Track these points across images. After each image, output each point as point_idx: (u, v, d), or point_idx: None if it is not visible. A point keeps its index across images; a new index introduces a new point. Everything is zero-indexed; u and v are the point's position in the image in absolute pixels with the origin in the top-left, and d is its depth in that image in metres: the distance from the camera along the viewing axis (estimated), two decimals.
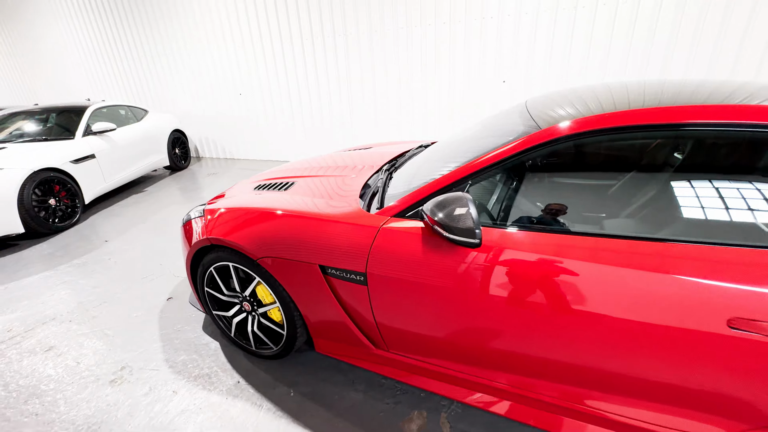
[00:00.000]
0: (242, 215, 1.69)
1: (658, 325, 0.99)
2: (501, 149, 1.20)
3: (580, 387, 1.19)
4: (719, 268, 0.94)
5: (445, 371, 1.44)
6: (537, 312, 1.12)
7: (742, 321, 0.91)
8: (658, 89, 1.24)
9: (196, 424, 1.60)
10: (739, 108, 1.00)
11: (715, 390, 1.00)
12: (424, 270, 1.24)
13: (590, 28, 3.93)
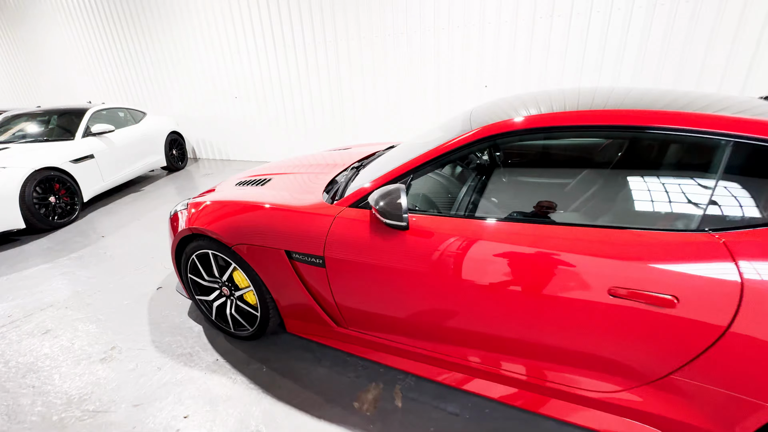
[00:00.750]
0: (220, 207, 1.87)
1: (556, 297, 1.17)
2: (434, 149, 1.39)
3: (499, 353, 1.37)
4: (602, 247, 1.12)
5: (398, 346, 1.62)
6: (457, 288, 1.30)
7: (619, 290, 1.09)
8: (590, 95, 1.41)
9: (176, 394, 1.78)
10: (644, 113, 1.18)
11: (606, 351, 1.18)
12: (369, 252, 1.43)
13: (566, 36, 4.12)
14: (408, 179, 1.44)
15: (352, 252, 1.47)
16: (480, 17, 4.40)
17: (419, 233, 1.35)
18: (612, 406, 1.26)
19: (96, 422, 1.66)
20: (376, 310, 1.55)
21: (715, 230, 1.04)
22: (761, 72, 3.53)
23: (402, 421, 1.57)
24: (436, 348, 1.52)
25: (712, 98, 1.31)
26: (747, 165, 1.05)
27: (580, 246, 1.14)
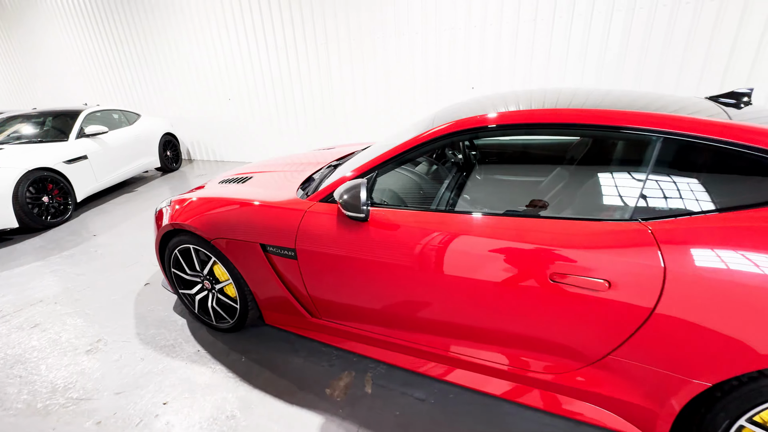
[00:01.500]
0: (200, 204, 1.95)
1: (504, 283, 1.25)
2: (394, 147, 1.47)
3: (457, 339, 1.44)
4: (546, 236, 1.20)
5: (367, 335, 1.70)
6: (414, 277, 1.38)
7: (560, 275, 1.17)
8: (553, 96, 1.50)
9: (157, 383, 1.85)
10: (577, 112, 1.26)
11: (551, 334, 1.26)
12: (336, 244, 1.51)
13: (548, 39, 4.22)
14: (373, 174, 1.52)
15: (320, 244, 1.55)
16: (466, 21, 4.49)
17: (380, 225, 1.43)
18: (561, 387, 1.34)
19: (79, 409, 1.73)
20: (346, 300, 1.63)
21: (645, 219, 1.12)
22: (737, 72, 3.62)
23: (370, 406, 1.65)
24: (401, 336, 1.60)
25: (658, 97, 1.39)
26: (673, 159, 1.14)
27: (525, 235, 1.22)
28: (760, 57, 3.50)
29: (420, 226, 1.36)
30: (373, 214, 1.46)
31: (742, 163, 1.07)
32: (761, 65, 3.52)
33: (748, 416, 1.06)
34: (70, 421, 1.67)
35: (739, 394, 1.05)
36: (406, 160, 1.49)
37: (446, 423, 1.55)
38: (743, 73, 3.60)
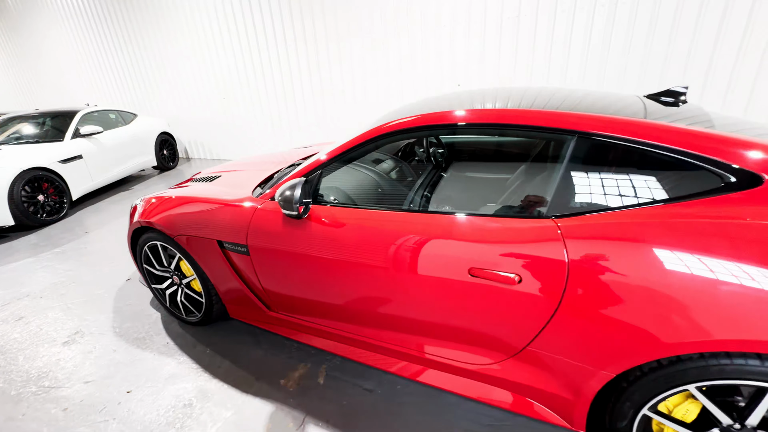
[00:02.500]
0: (164, 202, 2.04)
1: (428, 276, 1.30)
2: (334, 149, 1.53)
3: (394, 331, 1.50)
4: (465, 232, 1.25)
5: (318, 327, 1.76)
6: (346, 271, 1.44)
7: (478, 270, 1.22)
8: (492, 95, 1.54)
9: (124, 373, 1.95)
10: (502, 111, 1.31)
11: (476, 327, 1.31)
12: (279, 239, 1.58)
13: (532, 36, 4.22)
14: (317, 174, 1.58)
15: (268, 240, 1.62)
16: (452, 19, 4.51)
17: (318, 222, 1.49)
18: (490, 377, 1.39)
19: (48, 396, 1.83)
20: (294, 293, 1.70)
21: (557, 216, 1.16)
22: (718, 75, 3.59)
23: (320, 396, 1.72)
24: (346, 328, 1.66)
25: (603, 95, 1.43)
26: (585, 157, 1.17)
27: (447, 232, 1.27)
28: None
29: (354, 223, 1.42)
30: (314, 210, 1.52)
31: (648, 161, 1.11)
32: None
33: (651, 405, 1.10)
34: (39, 408, 1.77)
35: (642, 384, 1.09)
36: (346, 160, 1.55)
37: (389, 412, 1.61)
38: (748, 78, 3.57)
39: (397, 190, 1.62)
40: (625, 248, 1.03)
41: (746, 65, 3.46)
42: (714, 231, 0.97)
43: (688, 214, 1.02)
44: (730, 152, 1.03)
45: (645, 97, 1.55)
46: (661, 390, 1.06)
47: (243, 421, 1.62)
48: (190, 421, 1.64)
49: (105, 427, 1.64)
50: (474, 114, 1.30)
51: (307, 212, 1.51)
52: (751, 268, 0.90)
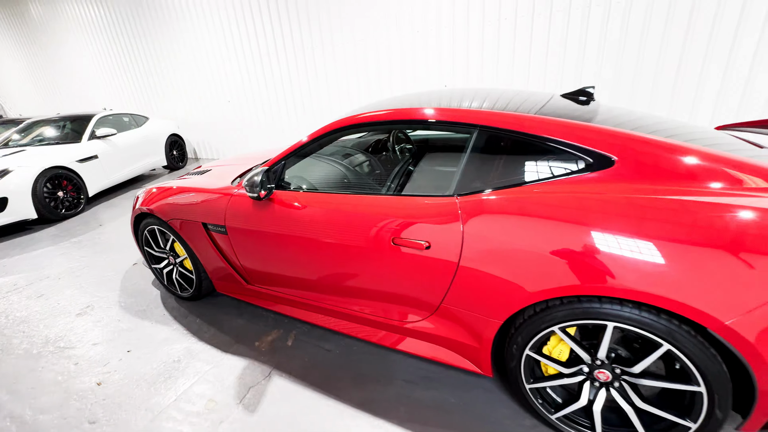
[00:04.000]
0: (161, 191, 2.37)
1: (363, 247, 1.58)
2: (295, 143, 1.82)
3: (343, 297, 1.78)
4: (391, 209, 1.52)
5: (287, 297, 2.05)
6: (301, 245, 1.73)
7: (399, 239, 1.49)
8: (436, 96, 1.81)
9: (127, 337, 2.28)
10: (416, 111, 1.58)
11: (405, 289, 1.58)
12: (249, 220, 1.88)
13: (512, 40, 4.45)
14: (281, 164, 1.87)
15: (240, 221, 1.93)
16: (436, 22, 4.77)
17: (279, 203, 1.79)
18: (420, 333, 1.66)
19: (63, 354, 2.18)
20: (264, 267, 2.00)
21: (460, 195, 1.42)
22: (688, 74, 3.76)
23: (287, 355, 2.01)
24: (307, 296, 1.95)
25: (531, 94, 1.69)
26: (483, 146, 1.43)
27: (378, 209, 1.55)
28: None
29: (308, 205, 1.71)
30: (277, 195, 1.82)
31: (529, 148, 1.36)
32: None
33: (531, 346, 1.36)
34: (56, 362, 2.12)
35: (523, 329, 1.35)
36: (303, 154, 1.85)
37: (342, 367, 1.90)
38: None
39: (348, 176, 1.90)
40: (503, 219, 1.29)
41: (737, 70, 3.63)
42: (570, 203, 1.22)
43: (555, 191, 1.27)
44: (588, 138, 1.29)
45: (561, 95, 1.80)
46: (536, 333, 1.32)
47: (220, 373, 1.92)
48: (177, 372, 1.96)
49: (108, 377, 1.97)
50: (397, 113, 1.58)
51: (269, 196, 1.80)
52: (595, 232, 1.15)
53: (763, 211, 1.03)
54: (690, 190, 1.14)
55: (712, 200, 1.09)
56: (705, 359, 1.09)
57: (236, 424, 1.63)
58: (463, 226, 1.36)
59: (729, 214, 1.05)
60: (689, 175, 1.18)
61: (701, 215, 1.07)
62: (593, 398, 1.34)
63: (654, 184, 1.20)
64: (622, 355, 1.29)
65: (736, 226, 1.03)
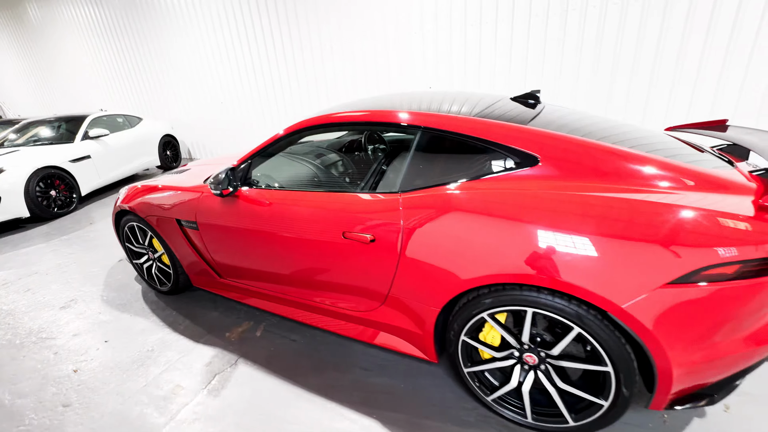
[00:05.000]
0: (139, 189, 2.48)
1: (317, 240, 1.68)
2: (260, 144, 1.93)
3: (302, 288, 1.89)
4: (341, 205, 1.63)
5: (255, 289, 2.16)
6: (263, 239, 1.84)
7: (349, 233, 1.59)
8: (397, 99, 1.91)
9: (106, 328, 2.39)
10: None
11: (355, 280, 1.68)
12: (216, 215, 1.99)
13: (493, 43, 4.55)
14: (246, 163, 1.98)
15: (209, 216, 2.04)
16: (420, 26, 4.88)
17: (244, 200, 1.90)
18: (374, 322, 1.76)
19: (44, 344, 2.29)
20: (233, 260, 2.11)
21: (403, 192, 1.52)
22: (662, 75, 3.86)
23: (255, 345, 2.12)
24: (272, 288, 2.05)
25: (493, 98, 1.79)
26: (426, 146, 1.54)
27: (331, 206, 1.65)
28: None
29: (269, 201, 1.81)
30: (241, 192, 1.92)
31: (466, 148, 1.47)
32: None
33: (466, 332, 1.46)
34: (37, 352, 2.23)
35: (458, 316, 1.45)
36: (267, 154, 1.95)
37: (305, 355, 2.00)
38: None
39: (311, 175, 2.01)
40: (437, 213, 1.40)
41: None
42: (494, 198, 1.33)
43: (486, 187, 1.38)
44: (513, 139, 1.39)
45: (511, 98, 1.90)
46: (469, 319, 1.42)
47: (189, 361, 2.03)
48: (149, 361, 2.06)
49: (84, 365, 2.08)
50: (346, 116, 1.69)
51: (234, 193, 1.91)
52: (513, 224, 1.25)
53: (662, 206, 1.14)
54: (606, 187, 1.24)
55: (621, 196, 1.20)
56: (610, 341, 1.19)
57: (199, 407, 1.73)
58: (403, 221, 1.46)
59: (630, 208, 1.16)
60: (607, 173, 1.28)
61: (605, 209, 1.18)
62: (523, 380, 1.44)
63: (574, 181, 1.30)
64: (547, 339, 1.39)
65: (633, 220, 1.13)
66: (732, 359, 1.17)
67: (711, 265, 1.06)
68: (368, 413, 1.63)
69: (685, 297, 1.08)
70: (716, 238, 1.07)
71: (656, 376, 1.19)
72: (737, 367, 1.21)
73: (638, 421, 1.49)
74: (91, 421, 1.72)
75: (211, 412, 1.70)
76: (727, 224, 1.08)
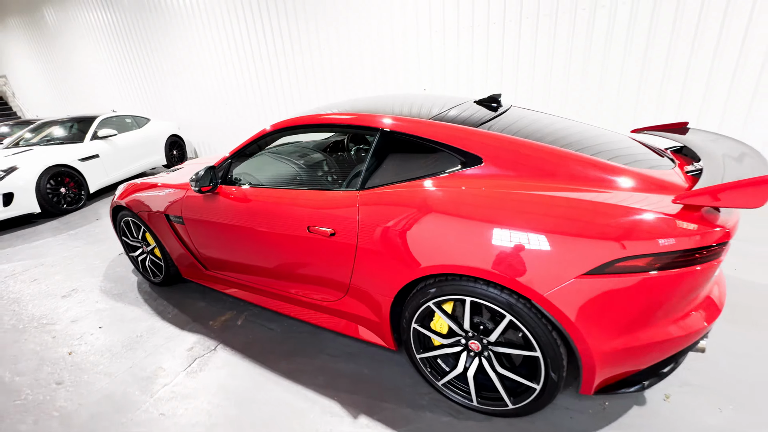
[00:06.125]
0: (134, 186, 2.64)
1: (285, 234, 1.81)
2: (238, 145, 2.06)
3: (276, 279, 2.02)
4: (307, 201, 1.75)
5: (237, 281, 2.30)
6: (239, 232, 1.97)
7: (313, 227, 1.72)
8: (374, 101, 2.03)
9: (101, 315, 2.56)
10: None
11: (320, 271, 1.80)
12: (198, 211, 2.14)
13: (485, 47, 4.63)
14: (227, 162, 2.12)
15: (193, 212, 2.19)
16: (416, 29, 4.98)
17: (224, 196, 2.04)
18: (340, 311, 1.88)
19: (44, 329, 2.47)
20: (215, 254, 2.25)
21: (362, 189, 1.64)
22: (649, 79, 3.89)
23: (235, 333, 2.26)
24: (250, 279, 2.19)
25: (455, 100, 1.90)
26: (383, 147, 1.65)
27: (299, 201, 1.78)
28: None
29: (245, 198, 1.95)
30: (221, 189, 2.07)
31: (419, 148, 1.57)
32: None
33: (416, 320, 1.56)
34: (37, 335, 2.41)
35: (409, 305, 1.56)
36: (245, 154, 2.09)
37: (279, 342, 2.13)
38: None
39: (282, 172, 2.13)
40: (388, 209, 1.51)
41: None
42: (439, 195, 1.43)
43: (433, 185, 1.48)
44: (462, 140, 1.49)
45: (474, 102, 2.00)
46: (418, 308, 1.52)
47: (174, 346, 2.18)
48: (138, 345, 2.22)
49: (79, 348, 2.25)
50: (311, 118, 1.81)
51: (214, 190, 2.05)
52: (456, 220, 1.36)
53: (583, 203, 1.23)
54: (542, 185, 1.34)
55: (550, 194, 1.29)
56: (538, 328, 1.29)
57: (177, 387, 1.88)
58: (359, 216, 1.58)
59: (555, 204, 1.25)
60: (546, 173, 1.37)
61: (533, 206, 1.27)
62: (468, 366, 1.54)
63: (514, 179, 1.40)
64: (489, 328, 1.48)
65: (557, 215, 1.23)
66: (652, 348, 1.25)
67: (624, 258, 1.15)
68: (330, 395, 1.75)
69: (601, 287, 1.17)
70: (630, 232, 1.15)
71: (579, 362, 1.28)
72: (660, 356, 1.29)
73: (579, 408, 1.57)
74: (79, 397, 1.87)
75: (187, 391, 1.84)
76: (641, 220, 1.16)
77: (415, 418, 1.60)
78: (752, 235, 2.77)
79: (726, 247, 1.21)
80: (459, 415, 1.59)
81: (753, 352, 1.78)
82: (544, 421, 1.53)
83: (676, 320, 1.24)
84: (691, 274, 1.16)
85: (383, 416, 1.62)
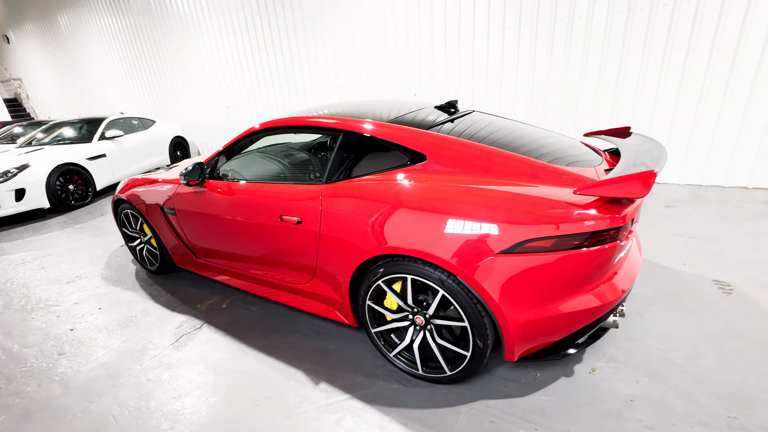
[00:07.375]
0: (133, 181, 2.90)
1: (262, 223, 2.04)
2: (227, 143, 2.30)
3: (253, 264, 2.25)
4: (278, 193, 1.98)
5: (223, 267, 2.53)
6: (224, 222, 2.21)
7: (284, 216, 1.94)
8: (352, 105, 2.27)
9: (101, 299, 2.81)
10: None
11: (293, 257, 2.03)
12: (188, 202, 2.38)
13: (471, 55, 4.85)
14: (215, 158, 2.36)
15: (184, 204, 2.43)
16: (405, 36, 5.23)
17: (212, 189, 2.27)
18: (309, 293, 2.09)
19: (50, 310, 2.73)
20: (204, 243, 2.49)
21: (327, 182, 1.86)
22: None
23: (220, 314, 2.49)
24: (234, 265, 2.42)
25: (418, 105, 2.13)
26: (346, 146, 1.87)
27: (272, 193, 2.01)
28: None
29: (229, 191, 2.18)
30: (208, 183, 2.31)
31: (374, 147, 1.80)
32: None
33: (369, 297, 1.78)
34: (43, 315, 2.66)
35: (363, 284, 1.77)
36: (233, 150, 2.33)
37: (258, 322, 2.36)
38: None
39: (262, 168, 2.37)
40: (344, 200, 1.73)
41: None
42: (385, 187, 1.65)
43: (383, 178, 1.70)
44: (410, 140, 1.71)
45: (435, 107, 2.22)
46: (370, 286, 1.74)
47: (164, 324, 2.42)
48: (132, 323, 2.46)
49: (79, 326, 2.49)
50: (285, 120, 2.05)
51: (201, 184, 2.29)
52: (398, 208, 1.58)
53: (502, 193, 1.44)
54: (476, 179, 1.55)
55: (479, 186, 1.51)
56: (464, 301, 1.50)
57: (165, 358, 2.11)
58: (321, 206, 1.80)
59: (480, 194, 1.47)
60: (481, 168, 1.59)
61: (462, 196, 1.49)
62: (414, 338, 1.75)
63: (454, 174, 1.62)
64: (430, 303, 1.69)
65: (480, 203, 1.44)
66: (562, 318, 1.45)
67: (531, 239, 1.36)
68: (296, 366, 1.97)
69: (513, 264, 1.39)
70: (539, 218, 1.37)
71: (499, 330, 1.48)
72: (572, 327, 1.50)
73: (514, 377, 1.77)
74: (78, 365, 2.12)
75: (172, 361, 2.07)
76: (547, 208, 1.38)
77: (368, 385, 1.81)
78: (712, 234, 2.94)
79: (623, 231, 1.41)
80: (407, 383, 1.80)
81: (679, 334, 1.96)
82: (480, 389, 1.73)
83: (581, 294, 1.45)
84: (590, 254, 1.37)
85: (340, 383, 1.83)
